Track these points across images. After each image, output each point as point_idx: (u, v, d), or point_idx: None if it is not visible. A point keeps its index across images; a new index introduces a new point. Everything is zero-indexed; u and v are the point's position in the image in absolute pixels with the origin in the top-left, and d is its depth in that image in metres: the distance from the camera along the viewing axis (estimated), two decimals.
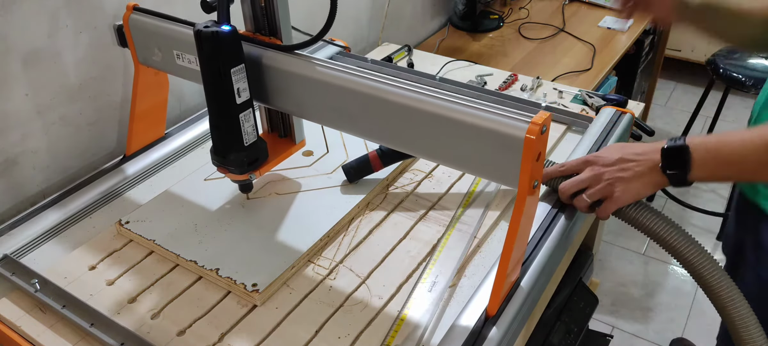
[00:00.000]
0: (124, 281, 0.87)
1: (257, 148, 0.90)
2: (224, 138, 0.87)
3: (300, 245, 0.89)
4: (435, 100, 0.73)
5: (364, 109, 0.80)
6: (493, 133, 0.69)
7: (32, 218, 0.97)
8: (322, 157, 1.09)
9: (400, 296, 0.84)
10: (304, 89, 0.84)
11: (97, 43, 1.08)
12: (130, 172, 1.07)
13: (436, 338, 0.77)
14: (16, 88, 0.99)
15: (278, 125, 1.00)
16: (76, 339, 0.80)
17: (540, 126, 0.66)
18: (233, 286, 0.84)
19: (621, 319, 2.09)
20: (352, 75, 0.79)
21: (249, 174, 0.92)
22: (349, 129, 0.85)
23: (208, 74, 0.82)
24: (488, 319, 0.77)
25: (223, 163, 0.89)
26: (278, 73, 0.86)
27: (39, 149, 1.05)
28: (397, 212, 0.99)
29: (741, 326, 0.83)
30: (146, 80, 1.05)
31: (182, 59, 0.95)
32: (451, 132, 0.73)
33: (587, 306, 1.17)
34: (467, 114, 0.71)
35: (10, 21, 0.95)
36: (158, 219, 0.95)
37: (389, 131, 0.79)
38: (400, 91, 0.75)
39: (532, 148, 0.66)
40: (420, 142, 0.77)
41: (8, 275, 0.86)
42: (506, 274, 0.74)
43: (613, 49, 1.92)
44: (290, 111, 0.93)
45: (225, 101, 0.83)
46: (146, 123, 1.11)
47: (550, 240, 0.87)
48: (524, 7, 2.21)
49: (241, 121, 0.85)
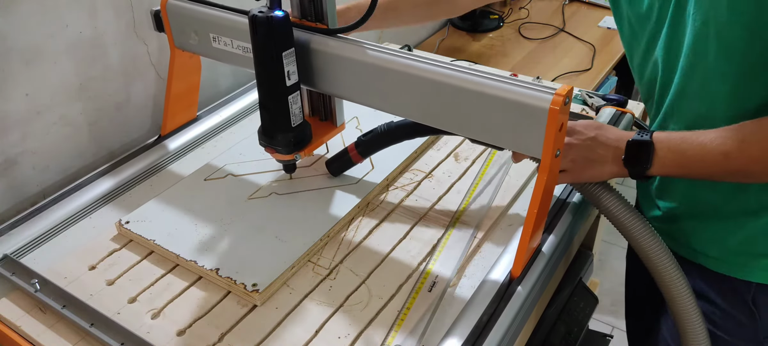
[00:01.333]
0: (124, 281, 0.87)
1: (303, 129, 0.94)
2: (273, 119, 0.91)
3: (300, 245, 0.89)
4: (471, 77, 0.78)
5: (407, 89, 0.84)
6: (521, 105, 0.75)
7: (32, 218, 0.97)
8: (322, 157, 1.09)
9: (400, 296, 0.84)
10: (351, 72, 0.88)
11: (98, 43, 1.08)
12: (130, 172, 1.07)
13: (436, 338, 0.77)
14: (16, 88, 0.99)
15: (319, 109, 1.03)
16: (76, 339, 0.80)
17: (563, 97, 0.72)
18: (233, 286, 0.84)
19: (621, 319, 2.08)
20: (398, 57, 0.84)
21: (294, 154, 0.94)
22: (390, 108, 0.89)
23: (260, 57, 0.86)
24: (513, 280, 0.82)
25: (271, 144, 0.93)
26: (326, 57, 0.89)
27: (39, 149, 1.05)
28: (398, 212, 0.99)
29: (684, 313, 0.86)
30: (181, 64, 1.10)
31: (218, 42, 0.99)
32: (483, 105, 0.78)
33: (587, 306, 1.17)
34: (498, 88, 0.76)
35: (10, 21, 0.95)
36: (158, 219, 0.95)
37: (430, 109, 0.84)
38: (442, 70, 0.80)
39: (556, 118, 0.72)
40: (455, 117, 0.82)
41: (8, 275, 0.86)
42: (529, 239, 0.80)
43: (613, 49, 1.92)
44: (335, 93, 0.96)
45: (275, 83, 0.87)
46: (180, 105, 1.15)
47: (567, 211, 0.93)
48: (524, 7, 2.21)
49: (290, 103, 0.89)
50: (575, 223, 0.95)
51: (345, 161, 1.02)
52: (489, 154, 1.11)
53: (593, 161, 0.82)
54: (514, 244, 0.88)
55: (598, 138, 0.83)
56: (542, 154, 0.75)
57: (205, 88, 1.22)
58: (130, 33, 1.13)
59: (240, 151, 1.10)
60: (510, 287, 0.82)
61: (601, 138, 0.83)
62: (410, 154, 1.09)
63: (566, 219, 0.93)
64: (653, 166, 0.80)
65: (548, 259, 0.87)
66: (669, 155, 0.79)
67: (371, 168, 1.05)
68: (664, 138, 0.79)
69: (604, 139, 0.82)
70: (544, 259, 0.86)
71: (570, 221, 0.94)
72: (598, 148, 0.82)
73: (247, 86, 1.32)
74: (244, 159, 1.08)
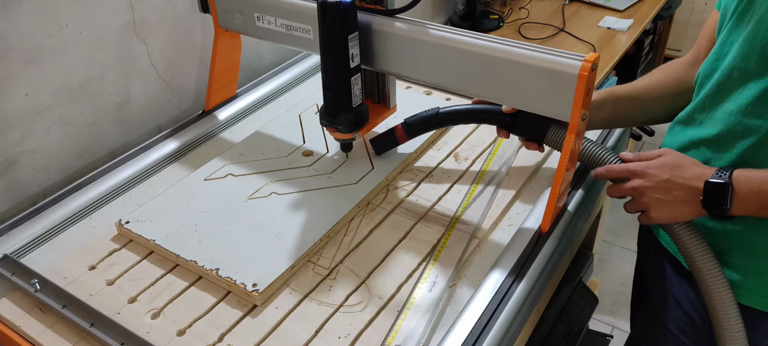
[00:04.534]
0: (124, 281, 0.87)
1: (362, 110, 1.00)
2: (337, 100, 0.96)
3: (300, 245, 0.89)
4: (508, 48, 0.86)
5: (464, 65, 0.91)
6: (552, 71, 0.83)
7: (32, 218, 0.97)
8: (322, 157, 1.09)
9: (400, 296, 0.84)
10: (411, 50, 0.94)
11: (98, 43, 1.08)
12: (130, 172, 1.07)
13: (437, 338, 0.77)
14: (16, 88, 0.99)
15: (373, 92, 1.09)
16: (76, 339, 0.80)
17: (591, 63, 0.80)
18: (233, 286, 0.84)
19: (621, 319, 2.09)
20: (454, 34, 0.90)
21: (353, 133, 1.00)
22: (445, 82, 0.96)
23: (328, 41, 0.92)
24: (542, 235, 0.89)
25: (333, 123, 0.99)
26: (387, 37, 0.95)
27: (39, 149, 1.05)
28: (397, 212, 0.99)
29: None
30: (224, 43, 1.18)
31: (262, 21, 1.07)
32: (517, 73, 0.86)
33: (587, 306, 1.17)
34: (532, 57, 0.85)
35: (10, 21, 0.95)
36: (158, 219, 0.95)
37: (480, 80, 0.91)
38: (488, 43, 0.88)
39: (585, 82, 0.80)
40: (496, 86, 0.90)
41: (8, 275, 0.87)
42: (557, 198, 0.87)
43: (613, 49, 1.92)
44: (394, 71, 1.01)
45: (341, 66, 0.93)
46: (222, 82, 1.23)
47: (568, 211, 0.96)
48: (524, 7, 2.21)
49: (352, 85, 0.95)
50: (575, 223, 0.95)
51: (391, 140, 1.07)
52: (489, 154, 1.11)
53: (668, 204, 0.81)
54: (515, 244, 0.88)
55: (673, 179, 0.81)
56: (570, 116, 0.83)
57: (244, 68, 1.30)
58: (130, 33, 1.13)
59: (240, 152, 1.10)
60: (539, 242, 0.88)
61: (677, 179, 0.81)
62: (410, 154, 1.09)
63: (566, 219, 0.94)
64: (734, 207, 0.77)
65: (572, 215, 0.95)
66: (750, 196, 0.77)
67: (371, 168, 1.05)
68: (744, 178, 0.77)
69: (679, 181, 0.81)
70: (569, 215, 0.94)
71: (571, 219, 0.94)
72: (673, 189, 0.81)
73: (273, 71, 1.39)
74: (244, 159, 1.08)
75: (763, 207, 0.77)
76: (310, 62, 1.41)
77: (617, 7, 2.21)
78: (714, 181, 0.78)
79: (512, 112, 0.96)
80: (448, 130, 1.18)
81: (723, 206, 0.77)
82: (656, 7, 2.25)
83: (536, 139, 0.96)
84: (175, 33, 1.21)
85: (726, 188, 0.77)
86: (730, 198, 0.77)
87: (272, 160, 1.08)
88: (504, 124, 0.98)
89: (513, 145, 1.12)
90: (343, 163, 1.07)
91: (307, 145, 1.12)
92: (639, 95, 0.99)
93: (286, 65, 1.41)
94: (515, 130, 0.97)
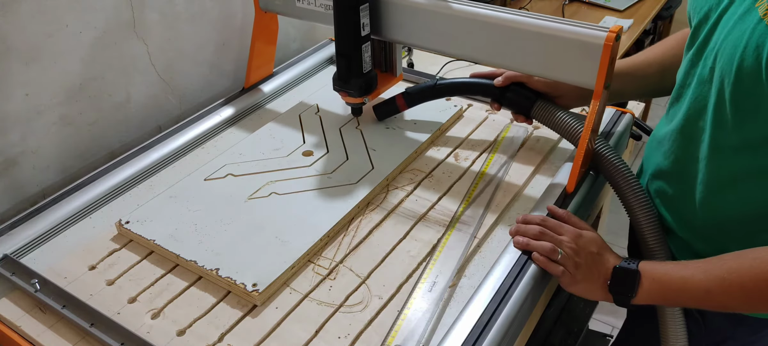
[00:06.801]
0: (124, 281, 0.87)
1: (371, 76, 1.10)
2: (349, 65, 1.06)
3: (300, 245, 0.89)
4: (535, 21, 0.93)
5: (476, 32, 0.98)
6: (578, 42, 0.89)
7: (32, 218, 0.97)
8: (322, 157, 1.09)
9: (400, 296, 0.84)
10: (422, 19, 1.02)
11: (98, 43, 1.08)
12: (130, 172, 1.07)
13: (437, 338, 0.77)
14: (16, 88, 0.99)
15: (380, 62, 1.18)
16: (76, 339, 0.80)
17: (615, 33, 0.85)
18: (233, 286, 0.84)
19: (621, 319, 2.08)
20: (466, 5, 0.97)
21: (363, 98, 1.09)
22: (456, 51, 1.05)
23: (341, 10, 1.02)
24: (568, 195, 0.95)
25: (344, 88, 1.08)
26: (396, 7, 1.04)
27: (39, 149, 1.05)
28: (397, 212, 0.99)
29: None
30: (263, 24, 1.25)
31: (303, 1, 1.14)
32: (546, 44, 0.93)
33: (587, 306, 1.17)
34: (559, 29, 0.91)
35: (10, 21, 0.95)
36: (158, 219, 0.95)
37: (491, 49, 0.99)
38: (505, 15, 0.96)
39: (609, 52, 0.86)
40: (521, 55, 0.96)
41: (8, 275, 0.87)
42: (581, 162, 0.92)
43: None
44: (404, 40, 1.09)
45: (353, 33, 1.03)
46: (260, 61, 1.30)
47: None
48: (524, 7, 2.21)
49: (362, 52, 1.05)
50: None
51: (392, 108, 1.15)
52: (489, 154, 1.11)
53: (589, 279, 0.82)
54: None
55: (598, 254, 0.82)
56: (595, 84, 0.89)
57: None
58: (130, 33, 1.13)
59: (240, 152, 1.10)
60: (565, 201, 0.94)
61: (599, 259, 0.82)
62: (410, 154, 1.09)
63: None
64: (638, 296, 0.79)
65: (594, 180, 1.00)
66: (653, 286, 0.78)
67: (371, 168, 1.05)
68: (649, 268, 0.79)
69: (603, 261, 0.82)
70: (591, 179, 1.00)
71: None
72: (596, 266, 0.82)
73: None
74: (244, 159, 1.08)
75: (664, 298, 0.80)
76: (311, 62, 1.41)
77: (617, 7, 2.21)
78: (623, 266, 0.80)
79: (503, 85, 1.03)
80: (448, 129, 1.18)
81: (629, 293, 0.79)
82: (656, 7, 2.25)
83: (524, 113, 1.03)
84: (175, 33, 1.21)
85: (635, 274, 0.79)
86: (636, 287, 0.79)
87: (272, 161, 1.08)
88: (495, 97, 1.06)
89: (513, 146, 1.12)
90: (343, 163, 1.07)
91: (307, 145, 1.12)
92: (631, 72, 1.02)
93: (287, 64, 1.41)
94: (505, 103, 1.06)
